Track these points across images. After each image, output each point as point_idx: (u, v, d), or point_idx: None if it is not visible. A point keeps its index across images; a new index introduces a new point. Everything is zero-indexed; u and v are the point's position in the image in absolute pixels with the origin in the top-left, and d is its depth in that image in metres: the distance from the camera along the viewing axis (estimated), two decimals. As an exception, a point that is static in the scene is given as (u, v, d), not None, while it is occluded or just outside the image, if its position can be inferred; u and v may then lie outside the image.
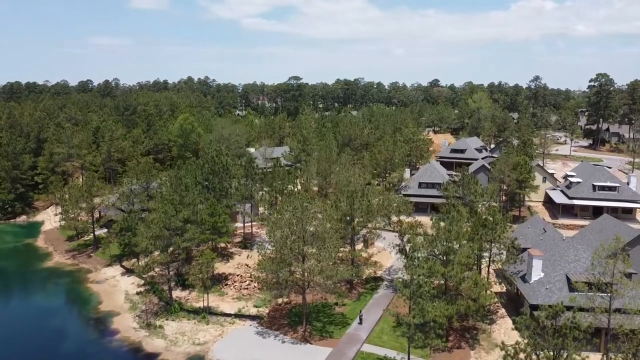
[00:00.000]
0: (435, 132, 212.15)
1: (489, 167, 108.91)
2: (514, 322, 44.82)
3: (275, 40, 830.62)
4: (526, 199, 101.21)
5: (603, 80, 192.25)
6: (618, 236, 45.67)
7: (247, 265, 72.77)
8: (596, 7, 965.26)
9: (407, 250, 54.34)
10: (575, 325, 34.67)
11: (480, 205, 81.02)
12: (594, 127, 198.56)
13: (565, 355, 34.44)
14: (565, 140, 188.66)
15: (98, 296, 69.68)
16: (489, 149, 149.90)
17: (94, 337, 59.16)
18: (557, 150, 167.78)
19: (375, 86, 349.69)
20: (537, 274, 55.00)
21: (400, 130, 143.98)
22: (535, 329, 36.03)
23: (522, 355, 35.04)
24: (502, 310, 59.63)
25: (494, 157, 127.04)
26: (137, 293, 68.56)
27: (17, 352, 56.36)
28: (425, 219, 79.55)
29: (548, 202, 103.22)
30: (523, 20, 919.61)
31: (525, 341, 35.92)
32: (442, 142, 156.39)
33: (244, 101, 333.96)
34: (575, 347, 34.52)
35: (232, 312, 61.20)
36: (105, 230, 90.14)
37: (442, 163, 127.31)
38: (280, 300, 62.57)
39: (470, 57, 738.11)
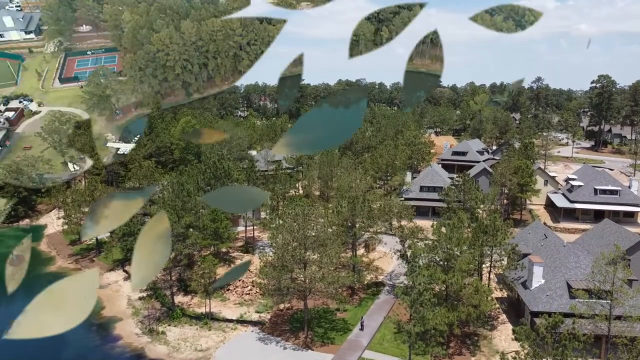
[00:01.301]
0: (437, 133, 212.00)
1: (490, 170, 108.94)
2: (514, 332, 44.93)
3: (277, 39, 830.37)
4: (527, 202, 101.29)
5: (605, 81, 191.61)
6: (618, 245, 45.76)
7: (249, 270, 72.98)
8: (598, 6, 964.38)
9: (408, 256, 54.60)
10: (575, 335, 34.88)
11: (480, 211, 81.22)
12: (596, 129, 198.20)
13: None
14: (567, 142, 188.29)
15: (100, 301, 69.81)
16: (490, 151, 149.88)
17: (96, 343, 59.42)
18: (558, 152, 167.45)
19: (377, 87, 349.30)
20: (537, 280, 55.13)
21: (401, 132, 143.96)
22: (535, 339, 36.24)
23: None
24: (503, 316, 59.78)
25: (496, 160, 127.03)
26: (140, 298, 68.77)
27: (18, 358, 56.62)
28: (426, 223, 79.69)
29: (550, 205, 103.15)
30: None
31: (525, 351, 36.13)
32: (444, 144, 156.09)
33: (245, 102, 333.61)
34: (575, 357, 34.73)
35: (234, 318, 61.50)
36: (108, 234, 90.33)
37: (443, 166, 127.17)
38: (282, 306, 62.84)
39: (472, 56, 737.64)
